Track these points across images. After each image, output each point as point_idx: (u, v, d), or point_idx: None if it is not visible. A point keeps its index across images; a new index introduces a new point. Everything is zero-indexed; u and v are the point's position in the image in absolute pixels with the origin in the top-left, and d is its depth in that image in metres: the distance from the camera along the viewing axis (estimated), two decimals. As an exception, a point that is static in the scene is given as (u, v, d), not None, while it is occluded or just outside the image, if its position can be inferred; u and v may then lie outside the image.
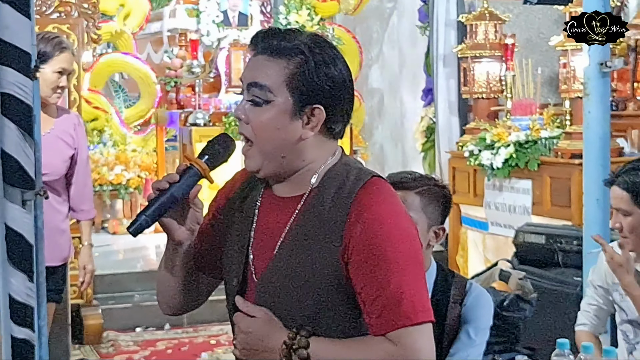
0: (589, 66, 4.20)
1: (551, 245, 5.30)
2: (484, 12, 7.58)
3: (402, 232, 2.15)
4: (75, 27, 6.60)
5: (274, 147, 2.14)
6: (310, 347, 2.09)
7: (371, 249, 2.09)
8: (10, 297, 3.16)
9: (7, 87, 3.05)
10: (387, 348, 2.09)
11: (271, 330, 2.15)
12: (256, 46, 2.20)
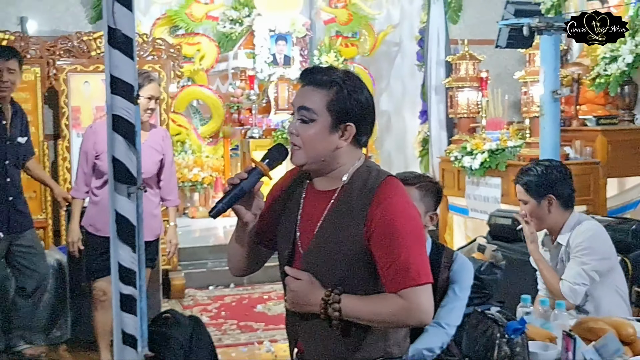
0: (544, 93, 4.21)
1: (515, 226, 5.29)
2: (465, 54, 7.58)
3: (409, 216, 2.21)
4: (165, 66, 6.66)
5: (317, 153, 2.21)
6: (342, 301, 2.14)
7: (387, 229, 2.15)
8: (119, 264, 3.22)
9: (117, 110, 3.11)
10: (399, 302, 2.15)
11: (312, 289, 2.20)
12: (304, 79, 2.27)
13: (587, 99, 7.10)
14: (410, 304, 2.14)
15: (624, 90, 6.78)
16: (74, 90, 6.45)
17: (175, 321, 3.85)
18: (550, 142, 4.22)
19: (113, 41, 3.11)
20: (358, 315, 2.16)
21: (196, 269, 7.18)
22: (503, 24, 4.24)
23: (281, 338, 5.49)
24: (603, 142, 6.44)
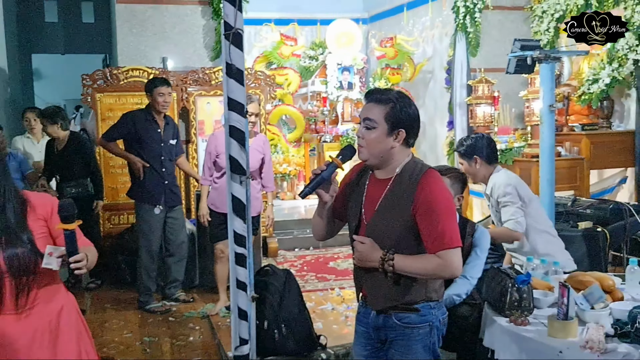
0: (542, 107, 4.10)
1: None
2: (481, 79, 7.44)
3: (444, 197, 2.21)
4: (263, 91, 6.73)
5: (377, 152, 2.21)
6: (395, 259, 2.16)
7: (428, 206, 2.15)
8: (234, 232, 3.26)
9: (233, 122, 3.15)
10: (437, 260, 2.15)
11: (373, 250, 2.20)
12: (368, 97, 2.29)
13: (574, 111, 6.95)
14: (445, 262, 2.14)
15: (603, 104, 6.67)
16: (200, 109, 6.57)
17: (273, 272, 3.91)
18: (547, 143, 4.12)
19: (229, 73, 3.16)
20: (406, 269, 2.16)
21: (285, 236, 7.22)
22: (512, 55, 4.15)
23: (347, 286, 5.50)
24: (587, 143, 6.35)
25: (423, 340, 2.27)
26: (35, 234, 2.02)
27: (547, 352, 2.32)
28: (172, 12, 7.77)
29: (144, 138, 4.98)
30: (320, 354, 3.79)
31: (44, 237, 2.05)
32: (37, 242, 2.02)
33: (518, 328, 2.52)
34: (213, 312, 4.84)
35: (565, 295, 2.38)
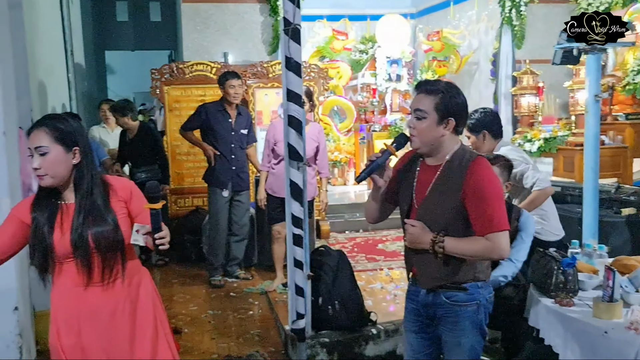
0: (588, 97, 3.96)
1: (563, 192, 5.08)
2: (527, 70, 7.26)
3: (493, 183, 2.17)
4: (317, 83, 6.72)
5: (428, 140, 2.19)
6: (445, 241, 2.13)
7: (477, 191, 2.13)
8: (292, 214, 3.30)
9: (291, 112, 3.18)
10: (485, 243, 2.13)
11: (424, 233, 2.18)
12: (418, 89, 2.25)
13: (619, 101, 6.71)
14: (494, 244, 2.11)
15: (648, 94, 6.42)
16: (258, 100, 6.63)
17: (327, 252, 3.93)
18: (592, 132, 3.98)
19: (288, 65, 3.19)
20: (456, 251, 2.14)
21: (337, 219, 7.20)
22: (558, 47, 4.00)
23: (395, 266, 5.48)
24: (630, 132, 6.13)
25: (471, 317, 2.25)
26: (117, 214, 2.10)
27: (592, 332, 2.27)
28: (233, 10, 7.86)
29: (215, 127, 5.10)
30: (370, 329, 3.79)
31: (124, 217, 2.12)
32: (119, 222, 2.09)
33: (563, 309, 2.47)
34: (271, 289, 4.91)
35: (611, 278, 2.32)
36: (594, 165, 3.92)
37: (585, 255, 3.03)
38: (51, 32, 6.49)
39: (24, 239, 2.05)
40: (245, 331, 4.20)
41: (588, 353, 2.28)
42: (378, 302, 4.40)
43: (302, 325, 3.41)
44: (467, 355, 2.27)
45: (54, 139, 2.00)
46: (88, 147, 2.12)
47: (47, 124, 2.02)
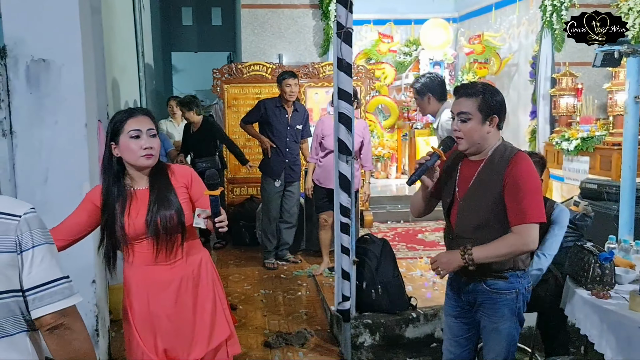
0: (628, 98, 3.79)
1: (600, 189, 4.89)
2: (566, 72, 7.01)
3: (531, 176, 2.12)
4: (364, 83, 6.69)
5: (474, 139, 2.16)
6: (472, 253, 2.09)
7: (515, 183, 2.08)
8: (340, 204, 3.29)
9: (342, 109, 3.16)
10: (510, 240, 2.12)
11: (451, 255, 2.18)
12: (457, 93, 2.22)
13: (658, 103, 6.39)
14: (521, 236, 2.06)
15: (687, 96, 6.07)
16: (309, 98, 6.64)
17: (372, 240, 3.91)
18: (631, 132, 3.81)
19: (340, 66, 3.17)
20: (486, 258, 2.10)
21: (379, 210, 7.17)
22: (599, 50, 3.83)
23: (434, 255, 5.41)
24: (669, 132, 5.83)
25: (509, 304, 2.20)
26: (180, 198, 2.14)
27: (628, 324, 2.19)
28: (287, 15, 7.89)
29: (272, 122, 5.16)
30: (411, 313, 3.77)
31: (186, 201, 2.17)
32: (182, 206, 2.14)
33: (600, 301, 2.38)
34: (317, 272, 4.93)
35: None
36: (632, 164, 3.76)
37: (622, 250, 2.92)
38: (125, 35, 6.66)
39: (96, 222, 2.12)
40: (294, 310, 4.23)
41: (623, 344, 2.20)
42: (417, 288, 4.36)
43: (347, 307, 3.41)
44: (505, 341, 2.22)
45: (155, 126, 2.13)
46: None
47: (148, 113, 2.15)
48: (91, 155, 2.86)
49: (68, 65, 2.77)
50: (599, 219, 4.30)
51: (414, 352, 3.64)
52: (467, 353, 2.37)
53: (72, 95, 2.78)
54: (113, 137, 2.07)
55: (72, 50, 2.76)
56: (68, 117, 2.79)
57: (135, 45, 7.08)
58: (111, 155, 2.08)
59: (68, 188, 2.80)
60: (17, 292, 1.34)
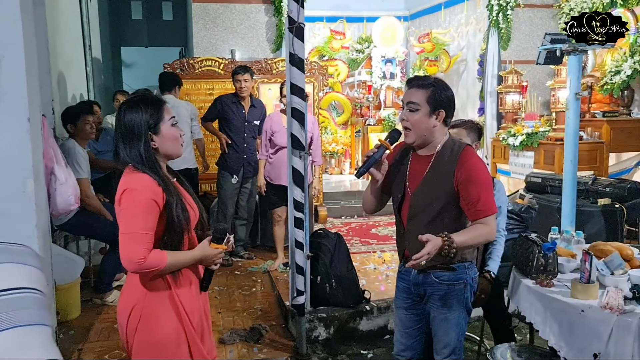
0: (569, 94, 3.94)
1: (543, 182, 5.08)
2: (512, 69, 7.23)
3: (482, 171, 2.18)
4: (316, 79, 6.68)
5: (421, 131, 2.17)
6: (453, 241, 2.02)
7: (469, 179, 2.12)
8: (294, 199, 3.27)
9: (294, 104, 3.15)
10: (486, 228, 2.14)
11: (435, 241, 2.00)
12: (410, 84, 2.23)
13: (597, 100, 6.68)
14: (491, 227, 2.11)
15: (624, 94, 6.39)
16: (262, 94, 6.58)
17: (325, 235, 3.92)
18: (572, 128, 3.97)
19: (292, 61, 3.15)
20: (466, 244, 2.08)
21: (333, 205, 7.22)
22: (542, 48, 3.98)
23: (387, 249, 5.48)
24: (607, 128, 6.09)
25: (458, 295, 2.25)
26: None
27: (570, 310, 2.27)
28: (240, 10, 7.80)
29: (229, 118, 5.11)
30: (364, 306, 3.80)
31: None
32: None
33: (543, 289, 2.47)
34: (272, 268, 4.91)
35: (588, 260, 2.31)
36: (573, 158, 3.91)
37: (564, 240, 3.03)
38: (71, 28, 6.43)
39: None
40: (249, 306, 4.20)
41: (566, 330, 2.28)
42: (371, 282, 4.40)
43: (301, 301, 3.41)
44: (453, 330, 2.27)
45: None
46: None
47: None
48: (35, 151, 2.74)
49: (8, 57, 2.63)
50: (543, 212, 4.46)
51: (368, 344, 3.68)
52: (418, 343, 2.41)
53: (14, 89, 2.65)
54: (153, 126, 1.88)
55: (13, 42, 2.63)
56: (9, 112, 2.65)
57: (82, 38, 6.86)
58: (150, 147, 1.88)
59: (11, 186, 2.67)
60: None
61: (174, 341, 1.88)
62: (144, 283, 1.87)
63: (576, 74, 3.93)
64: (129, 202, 1.80)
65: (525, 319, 2.61)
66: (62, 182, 3.42)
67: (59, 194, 3.41)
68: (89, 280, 4.47)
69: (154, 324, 1.86)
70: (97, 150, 5.09)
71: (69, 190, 3.48)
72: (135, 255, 1.76)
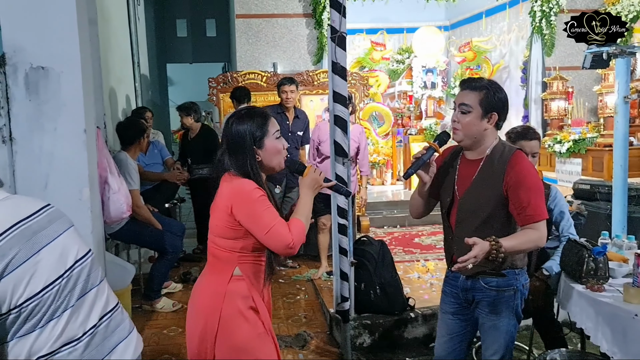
0: (617, 98, 3.84)
1: (592, 190, 4.94)
2: (557, 76, 7.11)
3: (532, 175, 2.14)
4: (358, 90, 6.72)
5: (471, 133, 2.16)
6: (502, 245, 1.98)
7: (519, 183, 2.09)
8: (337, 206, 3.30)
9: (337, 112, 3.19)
10: (536, 233, 2.06)
11: (482, 245, 1.95)
12: (463, 85, 2.22)
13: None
14: (541, 232, 2.06)
15: (676, 97, 6.17)
16: (304, 105, 6.67)
17: (369, 242, 3.92)
18: (621, 132, 3.86)
19: (335, 70, 3.20)
20: (515, 249, 2.03)
21: (375, 215, 7.20)
22: (588, 51, 3.88)
23: (431, 258, 5.43)
24: (658, 133, 5.90)
25: (507, 302, 2.20)
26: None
27: (623, 315, 2.21)
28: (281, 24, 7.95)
29: None
30: (409, 313, 3.78)
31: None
32: None
33: (594, 294, 2.41)
34: (316, 276, 4.94)
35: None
36: (624, 163, 3.80)
37: (615, 245, 2.95)
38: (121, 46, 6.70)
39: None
40: (294, 314, 4.23)
41: (618, 335, 2.22)
42: (415, 290, 4.37)
43: (346, 307, 3.42)
44: (503, 338, 2.22)
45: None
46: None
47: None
48: (90, 161, 2.87)
49: (67, 72, 2.79)
50: (592, 219, 4.35)
51: (413, 352, 3.65)
52: (460, 349, 2.36)
53: (71, 101, 2.80)
54: (258, 141, 1.94)
55: (71, 57, 2.78)
56: (67, 123, 2.80)
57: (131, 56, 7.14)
58: (255, 160, 1.93)
59: (68, 194, 2.81)
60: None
61: (260, 340, 1.93)
62: (222, 288, 1.90)
63: (624, 77, 3.83)
64: (250, 204, 1.85)
65: (575, 325, 2.54)
66: (116, 191, 3.56)
67: (112, 202, 3.55)
68: (139, 287, 4.61)
69: (236, 327, 1.89)
70: (145, 163, 5.27)
71: (122, 199, 3.61)
72: (285, 243, 1.83)
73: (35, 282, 1.30)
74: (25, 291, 1.29)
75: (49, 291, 1.32)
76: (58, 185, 2.81)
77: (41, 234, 1.36)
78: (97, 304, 1.44)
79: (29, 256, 1.30)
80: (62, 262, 1.38)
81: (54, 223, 1.42)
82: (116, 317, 1.50)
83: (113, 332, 1.46)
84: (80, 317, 1.38)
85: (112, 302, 1.51)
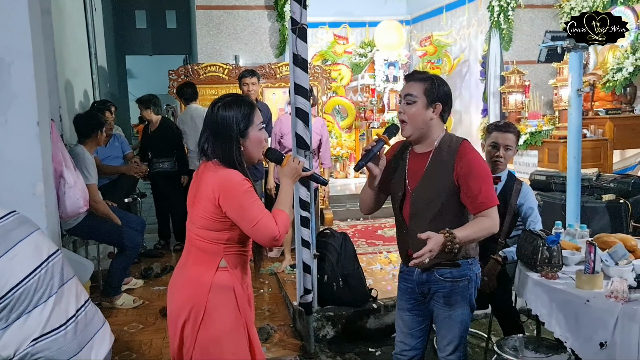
0: (571, 91, 3.94)
1: (548, 180, 5.08)
2: (514, 70, 7.25)
3: (482, 164, 2.16)
4: (320, 83, 6.73)
5: (418, 124, 2.18)
6: (456, 236, 2.00)
7: (469, 172, 2.11)
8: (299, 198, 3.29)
9: (298, 104, 3.18)
10: (487, 220, 2.10)
11: (437, 238, 1.96)
12: (409, 78, 2.23)
13: (599, 97, 6.71)
14: (493, 220, 2.10)
15: (626, 91, 6.41)
16: (266, 98, 6.64)
17: (332, 235, 3.94)
18: (575, 124, 3.96)
19: (296, 61, 3.19)
20: (469, 239, 2.06)
21: (339, 208, 7.24)
22: (543, 45, 3.99)
23: (393, 250, 5.49)
24: (610, 126, 6.11)
25: (462, 292, 2.23)
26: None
27: (575, 301, 2.28)
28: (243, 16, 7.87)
29: None
30: (372, 304, 3.82)
31: None
32: None
33: (549, 281, 2.47)
34: (279, 270, 4.93)
35: (592, 251, 2.32)
36: (577, 155, 3.91)
37: (569, 234, 3.03)
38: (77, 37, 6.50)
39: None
40: (257, 307, 4.21)
41: (571, 320, 2.29)
42: (377, 281, 4.42)
43: (309, 300, 3.43)
44: (458, 328, 2.25)
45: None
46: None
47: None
48: (44, 154, 2.78)
49: (18, 63, 2.69)
50: (548, 209, 4.47)
51: (376, 343, 3.69)
52: (421, 344, 2.38)
53: (23, 93, 2.70)
54: (243, 131, 1.92)
55: (22, 47, 2.69)
56: (18, 115, 2.70)
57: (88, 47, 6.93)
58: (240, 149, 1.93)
59: (20, 189, 2.72)
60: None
61: (236, 333, 1.93)
62: (208, 279, 1.90)
63: (577, 71, 3.93)
64: (238, 197, 1.85)
65: (531, 312, 2.61)
66: (71, 186, 3.46)
67: (68, 197, 3.45)
68: (97, 284, 4.50)
69: (216, 318, 1.89)
70: (104, 155, 5.14)
71: (78, 194, 3.52)
72: (272, 235, 1.85)
73: (17, 272, 1.43)
74: (9, 281, 1.41)
75: (31, 279, 1.45)
76: (10, 180, 2.71)
77: (14, 232, 1.48)
78: (73, 295, 1.57)
79: (6, 250, 1.43)
80: (38, 255, 1.51)
81: (24, 224, 1.53)
82: (91, 308, 1.64)
83: (91, 320, 1.60)
84: (63, 304, 1.52)
85: (84, 296, 1.64)
